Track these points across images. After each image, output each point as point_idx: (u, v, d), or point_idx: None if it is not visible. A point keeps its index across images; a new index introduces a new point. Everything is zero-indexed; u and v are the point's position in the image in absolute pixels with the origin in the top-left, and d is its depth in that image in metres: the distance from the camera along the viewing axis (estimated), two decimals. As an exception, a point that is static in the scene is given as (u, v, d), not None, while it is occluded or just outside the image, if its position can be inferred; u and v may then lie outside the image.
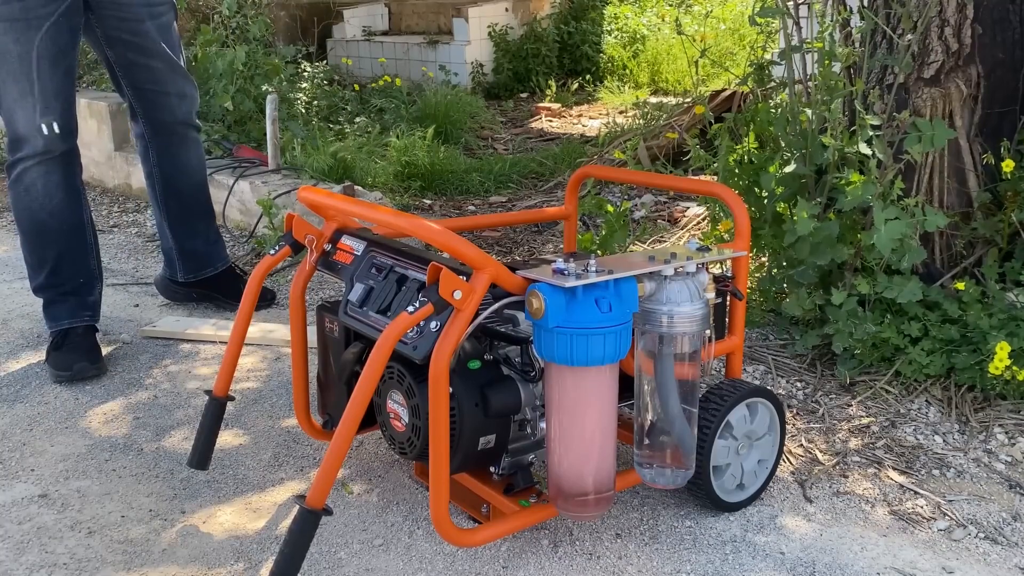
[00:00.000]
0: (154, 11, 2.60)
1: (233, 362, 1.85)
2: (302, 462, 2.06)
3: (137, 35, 2.58)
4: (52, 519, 1.84)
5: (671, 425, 1.59)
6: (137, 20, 2.57)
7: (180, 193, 2.82)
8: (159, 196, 2.82)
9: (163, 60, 2.63)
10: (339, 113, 5.07)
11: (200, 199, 2.86)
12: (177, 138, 2.75)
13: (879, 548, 1.73)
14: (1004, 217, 2.38)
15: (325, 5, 7.16)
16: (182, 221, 2.85)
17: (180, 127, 2.74)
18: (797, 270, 2.40)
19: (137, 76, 2.65)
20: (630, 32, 6.96)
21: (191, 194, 2.83)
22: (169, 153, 2.76)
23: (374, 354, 1.45)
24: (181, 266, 2.89)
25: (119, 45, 2.59)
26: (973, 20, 2.38)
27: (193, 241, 2.87)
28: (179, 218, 2.84)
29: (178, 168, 2.78)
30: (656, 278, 1.57)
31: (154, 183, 2.81)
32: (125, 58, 2.62)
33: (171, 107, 2.70)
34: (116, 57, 2.63)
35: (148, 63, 2.62)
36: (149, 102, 2.69)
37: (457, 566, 1.69)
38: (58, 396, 2.38)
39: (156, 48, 2.61)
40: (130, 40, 2.58)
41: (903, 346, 2.25)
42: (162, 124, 2.72)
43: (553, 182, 4.37)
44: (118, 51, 2.61)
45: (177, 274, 2.91)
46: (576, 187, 2.21)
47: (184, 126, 2.75)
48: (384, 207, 1.72)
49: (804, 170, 2.39)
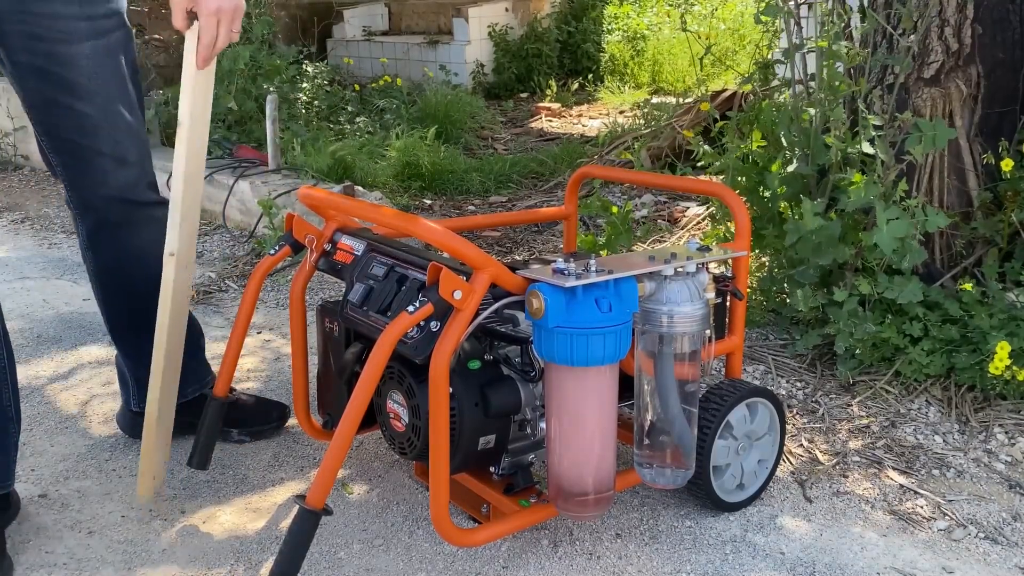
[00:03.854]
0: (97, 25, 1.72)
1: (233, 362, 1.85)
2: (302, 462, 2.06)
3: (60, 62, 1.70)
4: (52, 519, 1.84)
5: (671, 425, 1.59)
6: (62, 39, 1.69)
7: (129, 294, 1.95)
8: (97, 294, 1.99)
9: (97, 103, 1.74)
10: (339, 113, 5.07)
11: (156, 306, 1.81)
12: (116, 218, 1.87)
13: (879, 548, 1.73)
14: (1004, 217, 2.38)
15: (325, 5, 7.16)
16: (131, 331, 1.98)
17: (119, 206, 1.85)
18: (798, 270, 2.40)
19: (57, 124, 1.76)
20: (631, 31, 6.96)
21: (142, 295, 1.88)
22: (104, 236, 1.89)
23: (374, 354, 1.45)
24: (136, 392, 2.06)
25: (31, 76, 1.72)
26: (973, 20, 2.38)
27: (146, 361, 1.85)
28: (128, 327, 1.98)
29: (119, 259, 1.91)
30: (656, 278, 1.57)
31: (89, 272, 1.97)
32: (40, 95, 1.74)
33: (104, 175, 1.80)
34: (26, 94, 1.75)
35: (73, 106, 1.73)
36: (74, 163, 1.80)
37: (457, 566, 1.69)
38: (58, 396, 2.38)
39: (89, 84, 1.73)
40: (48, 70, 1.70)
41: (903, 346, 2.25)
42: (93, 200, 1.85)
43: (553, 182, 4.37)
44: (28, 84, 1.73)
45: (131, 401, 2.08)
46: (576, 187, 2.21)
47: (126, 204, 1.85)
48: (384, 207, 1.72)
49: (807, 170, 2.39)
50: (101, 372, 2.53)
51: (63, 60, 1.71)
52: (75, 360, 2.62)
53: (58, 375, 2.53)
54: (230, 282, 3.23)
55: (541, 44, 6.85)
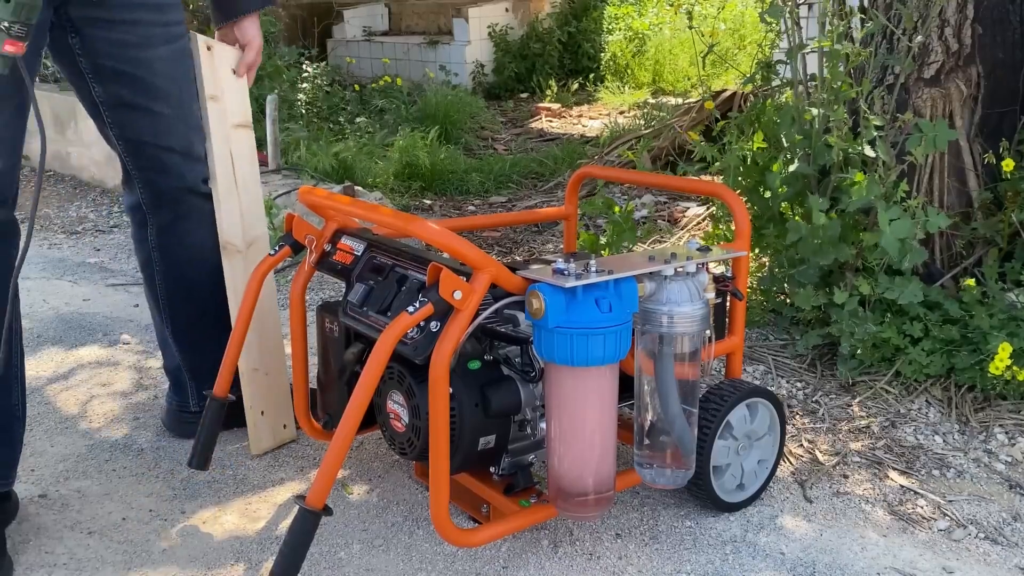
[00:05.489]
0: (170, 32, 1.88)
1: (233, 362, 1.85)
2: (302, 462, 2.06)
3: (140, 66, 1.85)
4: (52, 519, 1.84)
5: (671, 425, 1.59)
6: (142, 44, 1.84)
7: (190, 289, 2.06)
8: (161, 294, 2.07)
9: (173, 104, 1.91)
10: (339, 113, 5.07)
11: (216, 296, 2.03)
12: (185, 211, 2.00)
13: (879, 548, 1.73)
14: (1004, 217, 2.38)
15: (325, 5, 7.16)
16: (193, 327, 2.09)
17: (189, 196, 2.00)
18: (798, 269, 2.40)
19: (134, 125, 1.91)
20: (632, 31, 6.97)
21: (204, 289, 2.05)
22: (175, 232, 2.02)
23: (374, 354, 1.45)
24: (195, 390, 2.14)
25: (111, 80, 1.86)
26: (973, 20, 2.38)
27: (209, 353, 2.02)
28: (190, 324, 2.09)
29: (188, 253, 2.04)
30: (656, 278, 1.57)
31: (153, 275, 2.06)
32: (118, 98, 1.88)
33: (178, 169, 1.96)
34: (106, 97, 1.88)
35: (151, 107, 1.89)
36: (148, 161, 1.95)
37: (457, 566, 1.69)
38: (58, 396, 2.38)
39: (165, 86, 1.89)
40: (129, 73, 1.85)
41: (904, 346, 2.25)
42: (166, 192, 1.98)
43: (553, 182, 4.37)
44: (109, 88, 1.87)
45: (190, 401, 2.15)
46: (576, 187, 2.21)
47: (194, 195, 2.00)
48: (384, 207, 1.72)
49: (808, 170, 2.39)
50: (101, 372, 2.53)
51: (144, 63, 1.85)
52: (75, 360, 2.62)
53: (58, 375, 2.53)
54: (230, 282, 3.23)
55: (544, 44, 6.85)
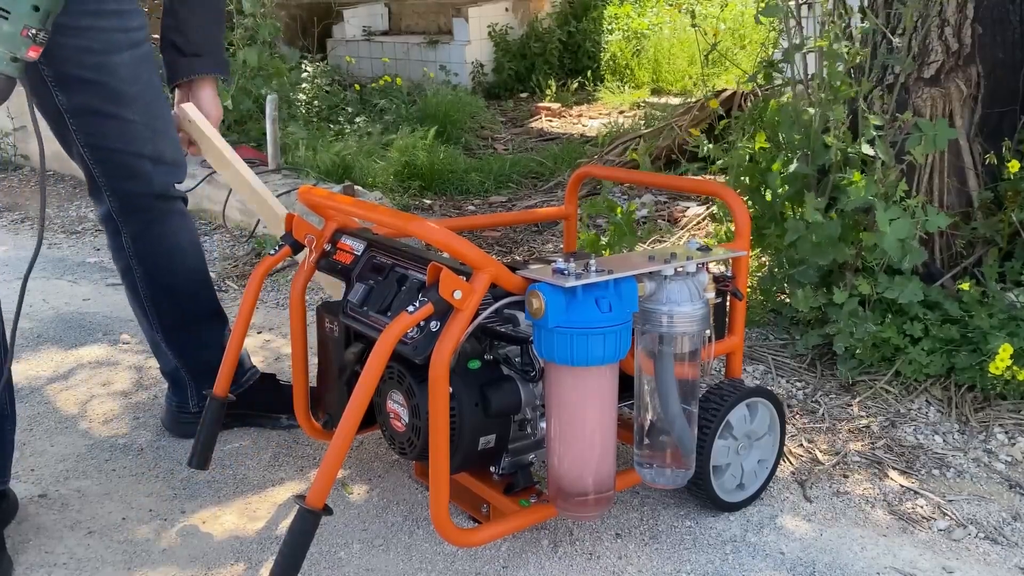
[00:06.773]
0: (131, 37, 1.84)
1: (233, 362, 1.85)
2: (302, 462, 2.06)
3: (104, 72, 1.81)
4: (52, 519, 1.84)
5: (671, 425, 1.59)
6: (105, 50, 1.80)
7: (173, 292, 2.04)
8: (146, 300, 2.04)
9: (140, 110, 1.86)
10: (339, 113, 5.07)
11: (203, 294, 2.07)
12: (157, 215, 1.98)
13: (879, 548, 1.73)
14: (1004, 217, 2.38)
15: (325, 5, 7.16)
16: (183, 329, 2.08)
17: (159, 202, 1.97)
18: (798, 269, 2.40)
19: (102, 132, 1.86)
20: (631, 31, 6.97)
21: (188, 290, 2.05)
22: (150, 238, 1.98)
23: (374, 354, 1.45)
24: (195, 390, 2.13)
25: (77, 88, 1.81)
26: (973, 20, 2.38)
27: (204, 352, 2.07)
28: (178, 324, 2.07)
29: (166, 257, 2.01)
30: (656, 278, 1.57)
31: (135, 282, 2.02)
32: (85, 106, 1.83)
33: (148, 175, 1.92)
34: (71, 105, 1.83)
35: (119, 113, 1.85)
36: (117, 169, 1.90)
37: (457, 566, 1.69)
38: (58, 396, 2.38)
39: (131, 91, 1.85)
40: (93, 80, 1.81)
41: (903, 346, 2.25)
42: (135, 199, 1.94)
43: (553, 182, 4.37)
44: (75, 97, 1.82)
45: (189, 402, 2.14)
46: (576, 187, 2.21)
47: (164, 200, 1.97)
48: (384, 207, 1.72)
49: (807, 169, 2.39)
50: (101, 372, 2.53)
51: (108, 69, 1.81)
52: (75, 360, 2.62)
53: (58, 375, 2.53)
54: (230, 282, 3.23)
55: (542, 44, 6.85)
